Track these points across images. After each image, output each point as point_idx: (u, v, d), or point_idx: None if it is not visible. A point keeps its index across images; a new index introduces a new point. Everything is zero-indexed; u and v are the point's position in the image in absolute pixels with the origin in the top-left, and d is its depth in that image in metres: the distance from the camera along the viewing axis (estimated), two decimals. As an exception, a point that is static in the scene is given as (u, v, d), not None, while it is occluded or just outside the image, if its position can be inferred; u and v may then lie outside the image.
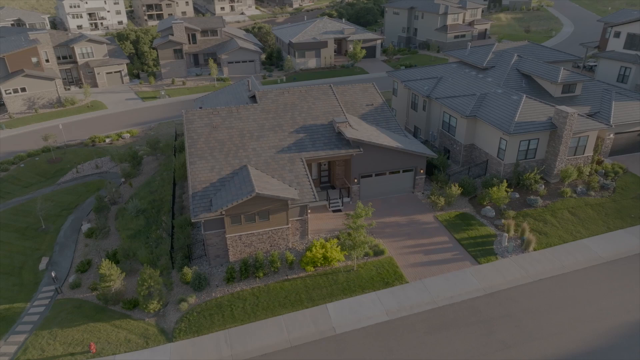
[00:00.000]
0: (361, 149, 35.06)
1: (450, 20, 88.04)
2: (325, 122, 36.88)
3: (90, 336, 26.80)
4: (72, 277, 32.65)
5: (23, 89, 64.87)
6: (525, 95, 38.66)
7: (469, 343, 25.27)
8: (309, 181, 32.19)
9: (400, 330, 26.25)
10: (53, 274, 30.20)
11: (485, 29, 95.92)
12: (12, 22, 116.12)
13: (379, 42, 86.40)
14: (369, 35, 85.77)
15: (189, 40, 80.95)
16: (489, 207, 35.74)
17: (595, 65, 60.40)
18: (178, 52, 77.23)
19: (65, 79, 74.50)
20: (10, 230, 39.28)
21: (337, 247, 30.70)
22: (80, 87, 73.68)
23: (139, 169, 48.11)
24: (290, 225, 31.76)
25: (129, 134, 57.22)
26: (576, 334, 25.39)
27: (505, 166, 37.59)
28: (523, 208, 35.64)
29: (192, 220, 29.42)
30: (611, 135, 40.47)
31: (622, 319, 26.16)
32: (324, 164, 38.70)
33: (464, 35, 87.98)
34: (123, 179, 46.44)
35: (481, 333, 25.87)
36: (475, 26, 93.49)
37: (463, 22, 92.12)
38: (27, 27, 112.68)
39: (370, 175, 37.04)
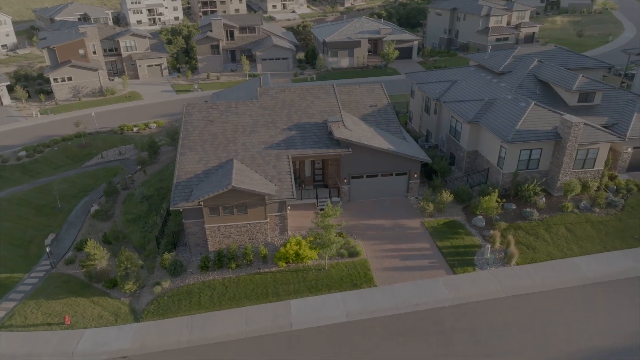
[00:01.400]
0: (350, 149, 34.94)
1: (492, 23, 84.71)
2: (320, 120, 37.03)
3: (68, 309, 28.79)
4: (69, 253, 35.12)
5: (69, 78, 69.92)
6: (533, 102, 36.74)
7: (423, 353, 24.69)
8: (291, 178, 32.56)
9: (356, 333, 26.08)
10: (48, 250, 32.66)
11: (533, 33, 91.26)
12: (79, 17, 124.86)
13: (415, 43, 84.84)
14: (406, 35, 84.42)
15: (227, 36, 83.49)
16: (480, 216, 34.44)
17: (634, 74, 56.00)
18: (215, 48, 79.95)
19: (110, 70, 79.35)
20: (31, 207, 42.78)
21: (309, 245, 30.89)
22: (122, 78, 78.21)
23: (155, 157, 50.57)
24: (268, 220, 32.32)
25: (155, 124, 60.18)
26: (538, 355, 24.08)
27: (504, 175, 35.99)
28: (517, 220, 34.02)
29: (171, 209, 30.77)
30: (629, 149, 37.57)
31: (593, 344, 24.48)
32: (318, 163, 38.91)
33: (506, 39, 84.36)
34: (139, 167, 49.06)
35: (438, 344, 25.18)
36: (521, 29, 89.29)
37: (508, 24, 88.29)
38: (92, 21, 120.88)
39: (361, 177, 36.79)
